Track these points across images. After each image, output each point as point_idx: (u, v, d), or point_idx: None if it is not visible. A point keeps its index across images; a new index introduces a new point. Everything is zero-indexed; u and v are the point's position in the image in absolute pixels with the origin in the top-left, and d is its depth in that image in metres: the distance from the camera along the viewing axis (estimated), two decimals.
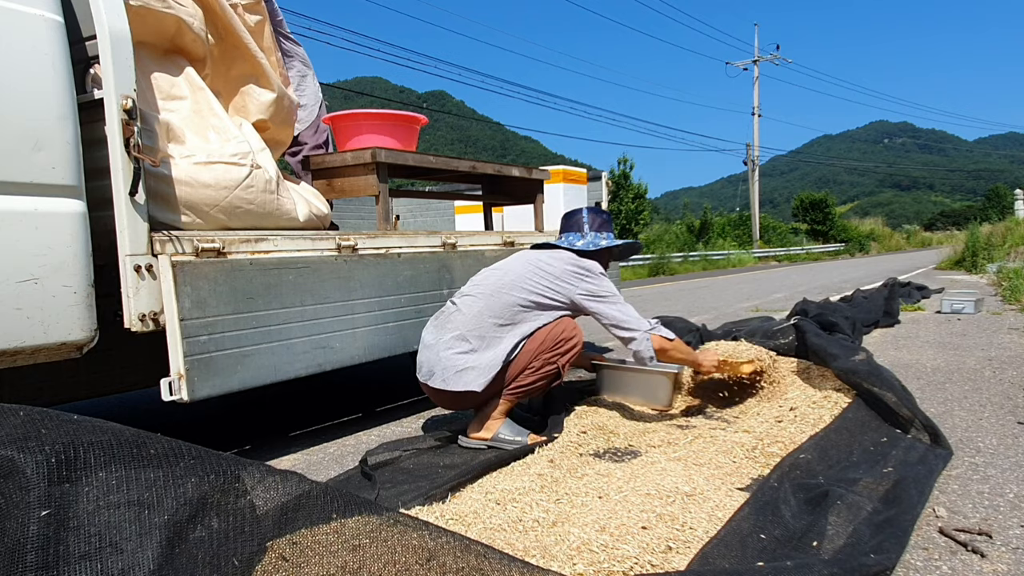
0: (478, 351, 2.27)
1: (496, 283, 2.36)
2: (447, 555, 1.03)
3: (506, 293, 2.32)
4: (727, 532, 1.48)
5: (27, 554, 0.80)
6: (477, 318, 2.29)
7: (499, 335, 2.29)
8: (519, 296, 2.32)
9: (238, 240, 2.14)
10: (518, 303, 2.32)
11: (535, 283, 2.34)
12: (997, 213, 22.25)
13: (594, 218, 2.59)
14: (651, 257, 17.87)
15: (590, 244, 2.54)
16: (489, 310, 2.30)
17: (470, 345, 2.28)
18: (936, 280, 9.38)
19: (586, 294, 2.37)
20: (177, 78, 2.22)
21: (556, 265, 2.39)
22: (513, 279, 2.35)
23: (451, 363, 2.26)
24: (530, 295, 2.33)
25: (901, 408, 2.20)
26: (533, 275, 2.36)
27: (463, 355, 2.27)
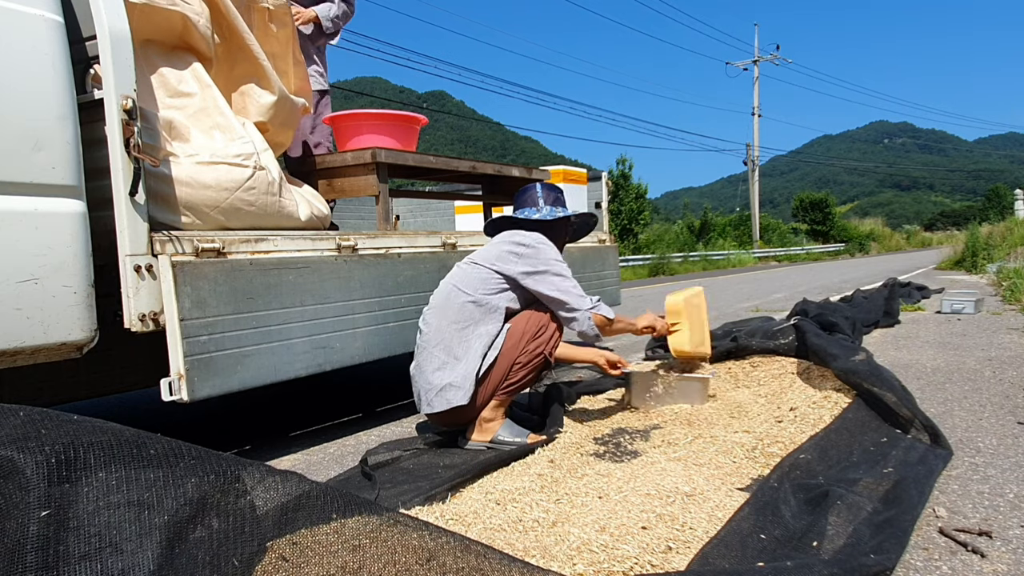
0: (450, 364, 2.25)
1: (444, 291, 2.36)
2: (447, 555, 1.03)
3: (454, 296, 2.31)
4: (727, 532, 1.48)
5: (27, 554, 0.80)
6: (438, 330, 2.29)
7: (465, 339, 2.27)
8: (466, 295, 2.29)
9: (238, 240, 2.14)
10: (467, 301, 2.29)
11: (475, 276, 2.32)
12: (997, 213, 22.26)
13: (548, 193, 2.55)
14: (651, 257, 17.88)
15: (548, 215, 2.49)
16: (446, 318, 2.29)
17: (441, 359, 2.26)
18: (936, 280, 9.38)
19: (525, 271, 2.31)
20: (186, 74, 2.22)
21: (492, 250, 2.37)
22: (455, 282, 2.34)
23: (431, 384, 2.26)
24: (475, 290, 2.30)
25: (901, 408, 2.20)
26: (471, 270, 2.34)
27: (439, 372, 2.26)
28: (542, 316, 2.33)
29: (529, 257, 2.32)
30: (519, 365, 2.28)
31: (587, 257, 3.95)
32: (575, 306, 2.31)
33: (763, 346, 3.31)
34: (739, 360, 3.32)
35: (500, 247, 2.36)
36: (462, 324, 2.27)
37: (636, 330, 2.59)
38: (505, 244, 2.36)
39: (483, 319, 2.29)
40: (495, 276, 2.31)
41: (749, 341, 3.38)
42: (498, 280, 2.32)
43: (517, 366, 2.28)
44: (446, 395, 2.23)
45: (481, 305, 2.29)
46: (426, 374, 2.28)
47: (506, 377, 2.29)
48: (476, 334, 2.27)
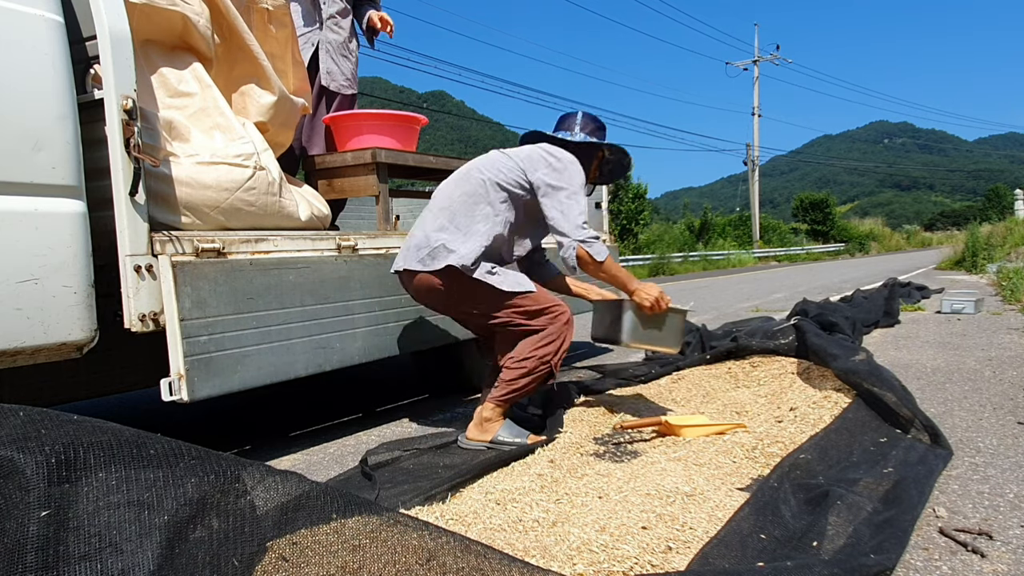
0: (450, 231, 2.23)
1: (464, 169, 2.37)
2: (447, 555, 1.03)
3: (474, 173, 2.31)
4: (727, 532, 1.48)
5: (27, 554, 0.80)
6: (448, 197, 2.29)
7: (470, 214, 2.25)
8: (485, 174, 2.29)
9: (238, 240, 2.14)
10: (485, 179, 2.28)
11: (501, 163, 2.32)
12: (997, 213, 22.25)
13: (587, 122, 2.53)
14: (651, 257, 17.88)
15: (577, 137, 2.47)
16: (459, 188, 2.29)
17: (443, 223, 2.24)
18: (936, 280, 9.38)
19: (543, 182, 2.27)
20: (186, 74, 2.22)
21: (525, 150, 2.38)
22: (480, 163, 2.35)
23: (429, 240, 2.22)
24: (496, 173, 2.29)
25: (901, 408, 2.20)
26: (500, 157, 2.35)
27: (440, 233, 2.23)
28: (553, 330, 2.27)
29: (558, 171, 2.29)
30: (523, 370, 2.26)
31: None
32: (567, 232, 2.25)
33: (763, 346, 3.31)
34: (739, 360, 3.32)
35: (534, 151, 2.35)
36: (473, 200, 2.27)
37: (627, 288, 2.37)
38: (539, 150, 2.34)
39: (493, 202, 2.27)
40: (518, 173, 2.30)
41: (749, 341, 3.38)
42: (519, 177, 2.30)
43: (521, 370, 2.26)
44: (440, 254, 2.19)
45: (497, 189, 2.28)
46: (426, 231, 2.26)
47: (511, 382, 2.27)
48: (483, 213, 2.26)
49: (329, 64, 3.20)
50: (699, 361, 3.41)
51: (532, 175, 2.29)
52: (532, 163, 2.31)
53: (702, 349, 3.63)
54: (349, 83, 3.29)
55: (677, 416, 2.43)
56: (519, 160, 2.32)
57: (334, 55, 3.22)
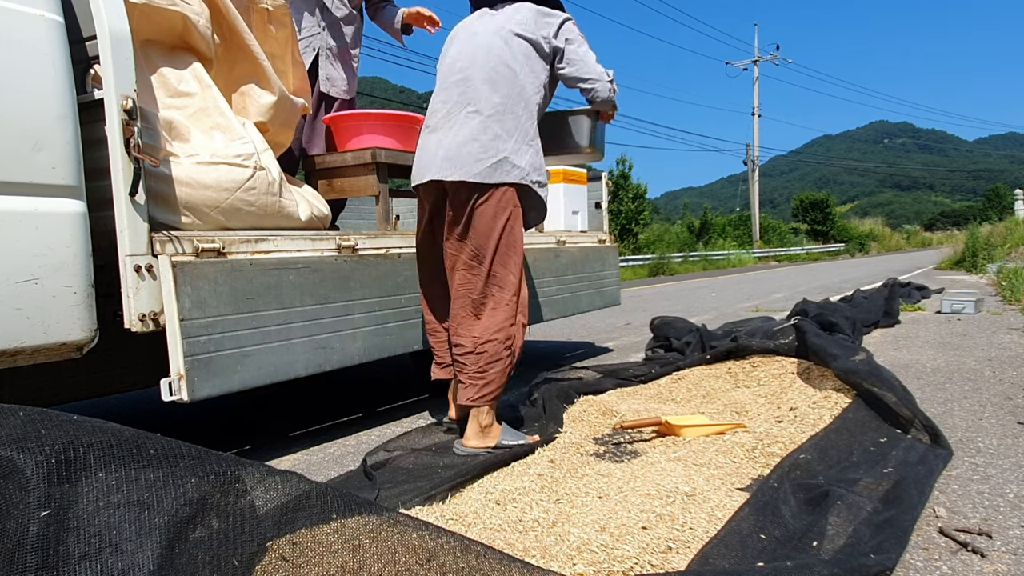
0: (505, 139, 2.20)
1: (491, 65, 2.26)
2: (447, 555, 1.03)
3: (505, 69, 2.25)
4: (727, 532, 1.48)
5: (27, 555, 0.80)
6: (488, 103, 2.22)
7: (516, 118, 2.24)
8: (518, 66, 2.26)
9: (238, 240, 2.14)
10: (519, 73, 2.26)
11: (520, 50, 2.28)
12: (997, 213, 22.25)
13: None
14: (651, 257, 17.89)
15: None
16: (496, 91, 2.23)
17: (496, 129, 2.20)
18: (936, 280, 9.38)
19: (568, 36, 2.34)
20: (186, 74, 2.22)
21: (522, 14, 2.32)
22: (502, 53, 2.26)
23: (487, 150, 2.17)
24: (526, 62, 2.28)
25: (901, 408, 2.20)
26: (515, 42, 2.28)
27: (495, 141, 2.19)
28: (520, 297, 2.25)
29: (569, 24, 2.36)
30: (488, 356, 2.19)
31: (587, 257, 3.94)
32: (599, 76, 2.38)
33: (763, 346, 3.31)
34: (739, 360, 3.32)
35: (532, 13, 2.32)
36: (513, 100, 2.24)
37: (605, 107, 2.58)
38: (537, 11, 2.33)
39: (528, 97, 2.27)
40: (539, 42, 2.30)
41: (749, 341, 3.38)
42: (541, 48, 2.31)
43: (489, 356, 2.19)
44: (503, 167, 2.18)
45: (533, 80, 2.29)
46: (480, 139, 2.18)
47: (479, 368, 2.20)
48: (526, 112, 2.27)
49: (329, 70, 3.20)
50: (699, 361, 3.41)
51: (553, 39, 2.32)
52: (546, 26, 2.32)
53: (702, 349, 3.63)
54: (348, 90, 3.29)
55: (677, 416, 2.43)
56: (531, 34, 2.29)
57: (334, 61, 3.22)
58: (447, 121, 2.26)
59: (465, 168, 2.17)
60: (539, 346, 4.97)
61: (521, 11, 2.33)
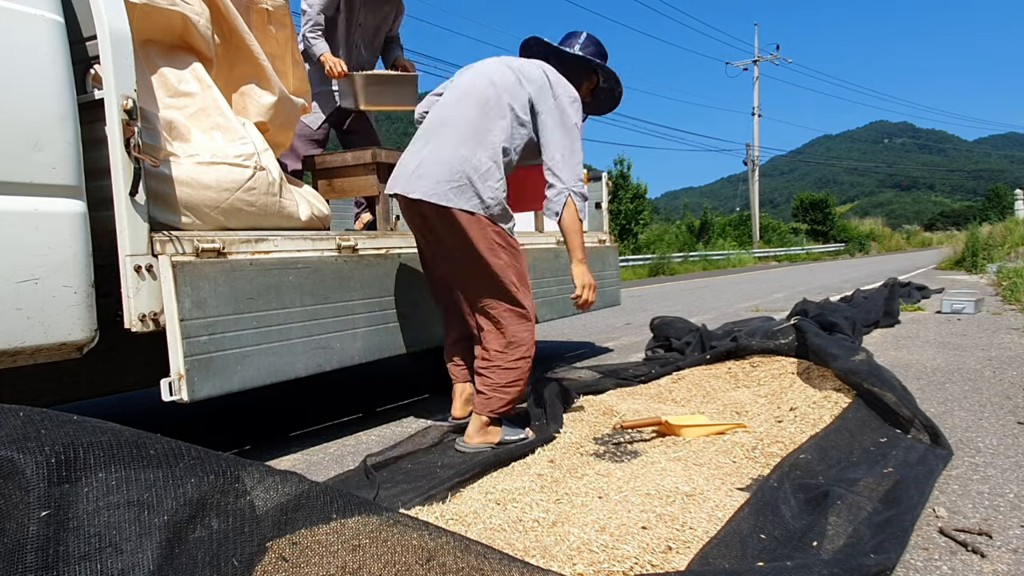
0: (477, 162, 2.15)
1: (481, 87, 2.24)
2: (447, 555, 1.03)
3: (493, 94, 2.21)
4: (727, 532, 1.48)
5: (27, 555, 0.80)
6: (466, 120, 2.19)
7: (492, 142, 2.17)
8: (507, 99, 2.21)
9: (238, 240, 2.14)
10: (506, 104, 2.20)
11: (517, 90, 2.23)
12: (997, 213, 22.23)
13: (589, 43, 2.44)
14: (651, 257, 17.88)
15: (574, 50, 2.39)
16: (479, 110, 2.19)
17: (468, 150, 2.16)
18: (936, 280, 9.38)
19: (555, 113, 2.21)
20: (186, 74, 2.22)
21: (536, 71, 2.27)
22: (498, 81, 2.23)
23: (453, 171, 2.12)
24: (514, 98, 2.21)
25: (901, 408, 2.20)
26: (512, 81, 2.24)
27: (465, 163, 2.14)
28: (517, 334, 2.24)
29: (569, 104, 2.23)
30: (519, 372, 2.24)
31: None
32: (565, 178, 2.18)
33: (763, 346, 3.32)
34: (739, 360, 3.32)
35: (541, 78, 2.24)
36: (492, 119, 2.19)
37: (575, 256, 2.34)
38: (547, 80, 2.24)
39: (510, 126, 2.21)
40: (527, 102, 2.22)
41: (749, 341, 3.38)
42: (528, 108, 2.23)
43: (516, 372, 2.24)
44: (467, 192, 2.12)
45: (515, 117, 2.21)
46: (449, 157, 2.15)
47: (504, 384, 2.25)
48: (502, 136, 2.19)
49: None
50: (699, 361, 3.41)
51: (540, 105, 2.22)
52: (542, 94, 2.22)
53: (702, 349, 3.63)
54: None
55: (677, 416, 2.43)
56: (529, 87, 2.23)
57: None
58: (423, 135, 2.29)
59: (426, 188, 2.15)
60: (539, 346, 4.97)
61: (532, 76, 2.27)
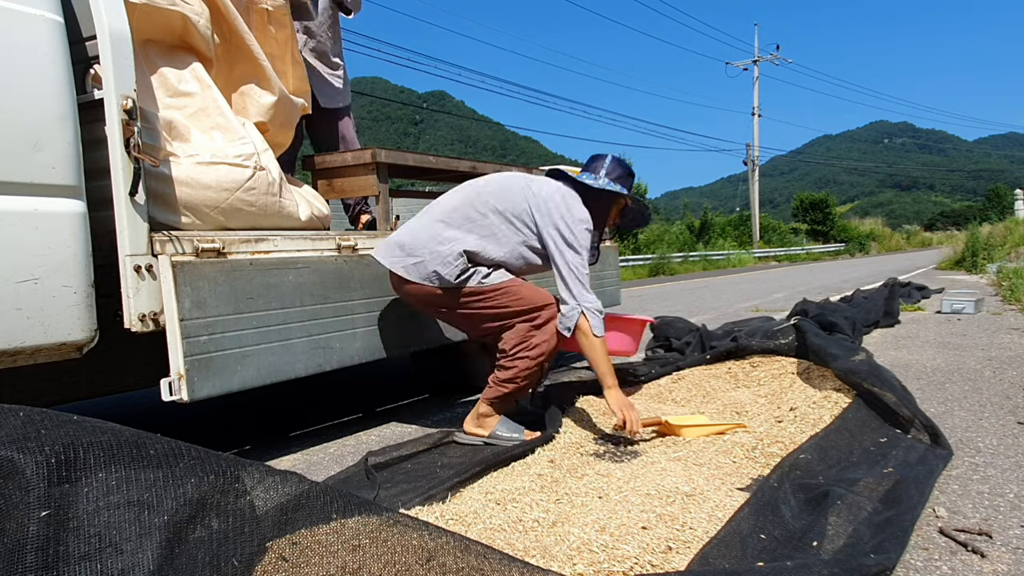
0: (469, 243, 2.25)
1: (483, 186, 2.34)
2: (447, 555, 1.03)
3: (489, 195, 2.30)
4: (727, 532, 1.48)
5: (27, 555, 0.80)
6: (454, 209, 2.29)
7: (466, 226, 2.27)
8: (498, 202, 2.29)
9: (238, 240, 2.14)
10: (497, 207, 2.28)
11: (518, 198, 2.30)
12: (997, 213, 22.23)
13: (614, 167, 2.46)
14: (651, 257, 17.88)
15: (598, 183, 2.40)
16: (469, 204, 2.28)
17: (440, 233, 2.26)
18: (936, 280, 9.38)
19: (558, 234, 2.25)
20: (186, 74, 2.22)
21: (547, 191, 2.32)
22: (498, 188, 2.32)
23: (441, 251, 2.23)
24: (507, 204, 2.28)
25: (901, 408, 2.20)
26: (524, 193, 2.31)
27: (452, 245, 2.24)
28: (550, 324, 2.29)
29: (571, 227, 2.26)
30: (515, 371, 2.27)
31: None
32: (576, 295, 2.22)
33: (763, 346, 3.31)
34: (739, 360, 3.32)
35: (554, 192, 2.32)
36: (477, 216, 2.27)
37: (604, 382, 2.28)
38: (559, 194, 2.31)
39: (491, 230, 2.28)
40: (530, 211, 2.29)
41: (749, 341, 3.38)
42: (528, 217, 2.29)
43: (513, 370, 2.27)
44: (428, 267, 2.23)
45: (501, 219, 2.28)
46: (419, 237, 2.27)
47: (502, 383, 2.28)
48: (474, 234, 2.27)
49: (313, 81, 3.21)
50: (699, 361, 3.41)
51: (544, 227, 2.27)
52: (547, 213, 2.27)
53: (702, 349, 3.63)
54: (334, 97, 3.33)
55: (677, 416, 2.43)
56: (535, 198, 2.30)
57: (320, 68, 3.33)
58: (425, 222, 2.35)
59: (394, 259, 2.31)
60: None
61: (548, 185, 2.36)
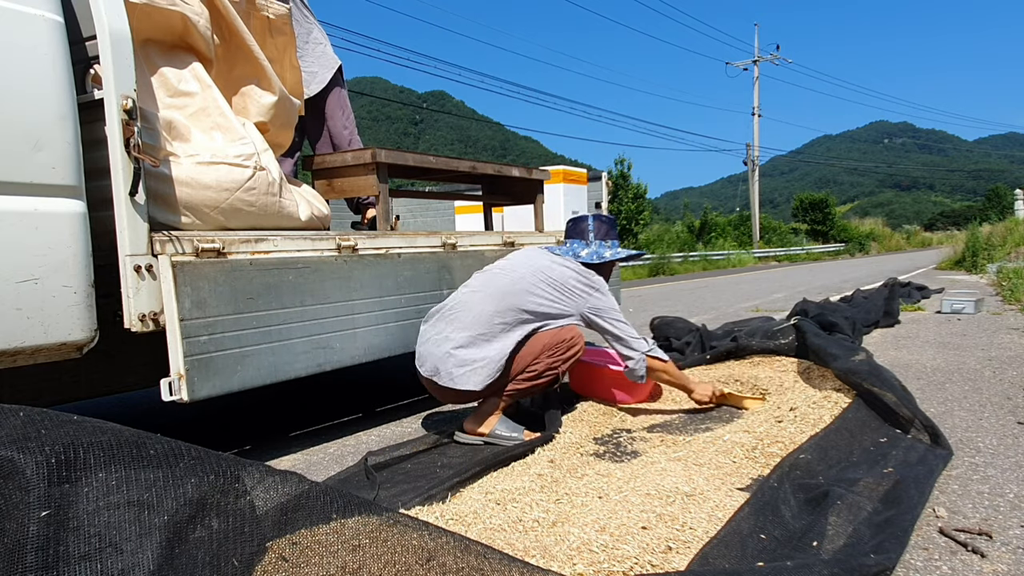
0: (482, 351, 2.29)
1: (507, 287, 2.37)
2: (447, 555, 1.03)
3: (515, 297, 2.34)
4: (727, 532, 1.48)
5: (27, 555, 0.80)
6: (487, 319, 2.31)
7: (504, 335, 2.31)
8: (529, 302, 2.34)
9: (238, 240, 2.14)
10: (526, 309, 2.34)
11: (545, 293, 2.37)
12: (997, 213, 22.23)
13: (599, 226, 2.61)
14: (651, 257, 17.88)
15: (594, 255, 2.57)
16: (499, 314, 2.31)
17: (476, 346, 2.29)
18: (936, 280, 9.38)
19: (593, 308, 2.44)
20: (186, 74, 2.22)
21: (563, 276, 2.43)
22: (524, 287, 2.36)
23: (457, 360, 2.28)
24: (539, 305, 2.35)
25: (901, 408, 2.20)
26: (542, 285, 2.38)
27: (468, 352, 2.28)
28: (567, 334, 2.37)
29: (598, 299, 2.45)
30: (534, 373, 2.33)
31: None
32: (635, 347, 2.44)
33: (763, 346, 3.32)
34: (739, 360, 3.32)
35: (574, 278, 2.44)
36: (510, 324, 2.32)
37: (687, 389, 2.61)
38: (579, 278, 2.44)
39: (528, 325, 2.35)
40: (561, 303, 2.39)
41: (749, 341, 3.39)
42: (562, 306, 2.40)
43: (531, 373, 2.33)
44: (472, 377, 2.27)
45: (536, 318, 2.36)
46: (455, 349, 2.30)
47: (516, 380, 2.33)
48: (514, 334, 2.33)
49: None
50: (699, 361, 3.41)
51: (580, 306, 2.43)
52: (575, 294, 2.42)
53: (702, 349, 3.63)
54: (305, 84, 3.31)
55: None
56: (561, 291, 2.40)
57: None
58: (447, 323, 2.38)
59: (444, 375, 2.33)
60: None
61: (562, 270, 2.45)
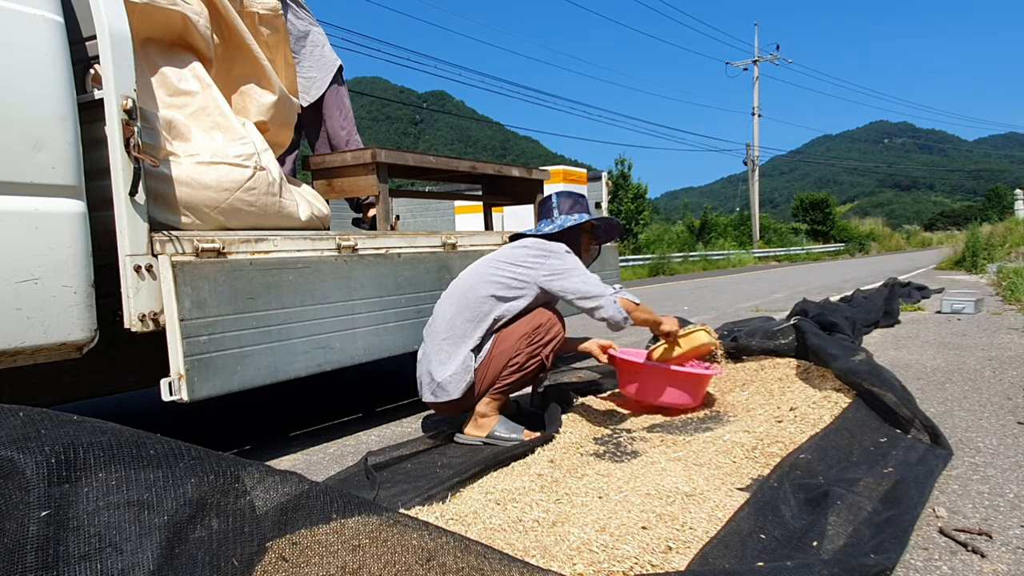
0: (455, 355, 2.30)
1: (465, 284, 2.38)
2: (447, 555, 1.03)
3: (473, 291, 2.34)
4: (727, 532, 1.48)
5: (27, 555, 0.80)
6: (451, 321, 2.32)
7: (471, 331, 2.31)
8: (484, 290, 2.33)
9: (238, 240, 2.14)
10: (486, 295, 2.32)
11: (497, 274, 2.35)
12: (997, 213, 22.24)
13: (563, 201, 2.59)
14: (651, 257, 17.90)
15: (556, 227, 2.53)
16: (460, 313, 2.32)
17: (449, 352, 2.31)
18: (936, 280, 9.38)
19: (549, 273, 2.35)
20: (186, 73, 2.22)
21: (518, 252, 2.40)
22: (481, 278, 2.36)
23: (437, 374, 2.31)
24: (494, 287, 2.33)
25: (901, 408, 2.20)
26: (495, 268, 2.37)
27: (443, 366, 2.31)
28: (542, 318, 2.34)
29: (553, 262, 2.36)
30: (516, 366, 2.30)
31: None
32: (598, 293, 2.31)
33: (763, 346, 3.31)
34: (739, 360, 3.32)
35: (526, 251, 2.40)
36: (475, 321, 2.31)
37: (657, 327, 2.59)
38: (531, 249, 2.40)
39: (490, 314, 2.32)
40: (516, 279, 2.35)
41: (749, 341, 3.38)
42: (518, 282, 2.35)
43: (512, 367, 2.30)
44: (448, 387, 2.28)
45: (497, 302, 2.32)
46: (432, 364, 2.33)
47: (501, 375, 2.31)
48: (479, 328, 2.32)
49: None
50: None
51: (535, 276, 2.35)
52: (527, 266, 2.36)
53: None
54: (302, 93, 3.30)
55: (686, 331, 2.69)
56: (516, 262, 2.37)
57: None
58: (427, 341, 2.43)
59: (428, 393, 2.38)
60: None
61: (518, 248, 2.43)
